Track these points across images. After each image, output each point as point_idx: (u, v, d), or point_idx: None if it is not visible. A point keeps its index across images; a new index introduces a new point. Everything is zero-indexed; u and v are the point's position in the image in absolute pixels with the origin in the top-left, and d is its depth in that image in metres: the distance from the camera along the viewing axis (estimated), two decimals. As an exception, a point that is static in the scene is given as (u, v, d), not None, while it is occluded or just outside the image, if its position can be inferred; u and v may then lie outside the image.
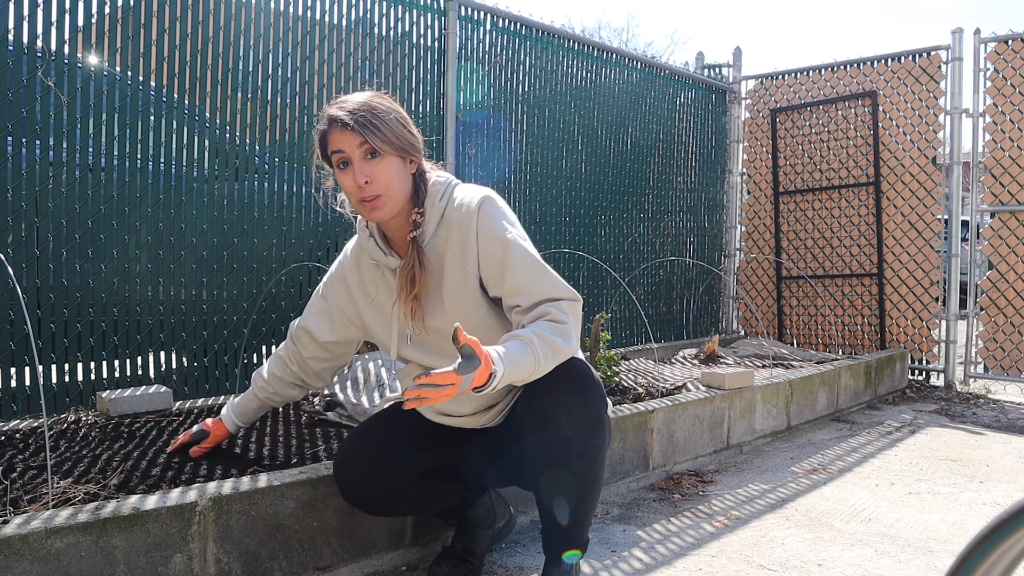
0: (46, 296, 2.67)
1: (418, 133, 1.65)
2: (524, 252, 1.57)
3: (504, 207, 1.65)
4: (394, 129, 1.57)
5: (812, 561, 2.00)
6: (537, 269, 1.57)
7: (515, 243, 1.57)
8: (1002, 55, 4.54)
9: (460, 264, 1.61)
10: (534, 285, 1.56)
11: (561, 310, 1.54)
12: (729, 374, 3.15)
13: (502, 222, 1.60)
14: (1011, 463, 3.03)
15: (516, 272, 1.56)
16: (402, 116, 1.61)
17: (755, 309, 5.61)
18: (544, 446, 1.55)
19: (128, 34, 2.85)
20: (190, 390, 3.06)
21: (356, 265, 1.77)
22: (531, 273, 1.56)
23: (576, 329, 1.56)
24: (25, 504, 1.62)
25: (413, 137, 1.62)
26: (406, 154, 1.60)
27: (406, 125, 1.61)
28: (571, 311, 1.56)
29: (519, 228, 1.64)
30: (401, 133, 1.58)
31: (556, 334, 1.50)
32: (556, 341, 1.50)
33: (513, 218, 1.65)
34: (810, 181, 5.32)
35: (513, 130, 4.17)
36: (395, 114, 1.60)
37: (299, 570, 1.72)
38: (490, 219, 1.59)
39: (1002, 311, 4.55)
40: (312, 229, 3.37)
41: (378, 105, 1.58)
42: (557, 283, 1.57)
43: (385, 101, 1.61)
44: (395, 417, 1.76)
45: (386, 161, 1.57)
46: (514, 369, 1.42)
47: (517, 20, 4.15)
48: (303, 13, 3.31)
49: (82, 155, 2.73)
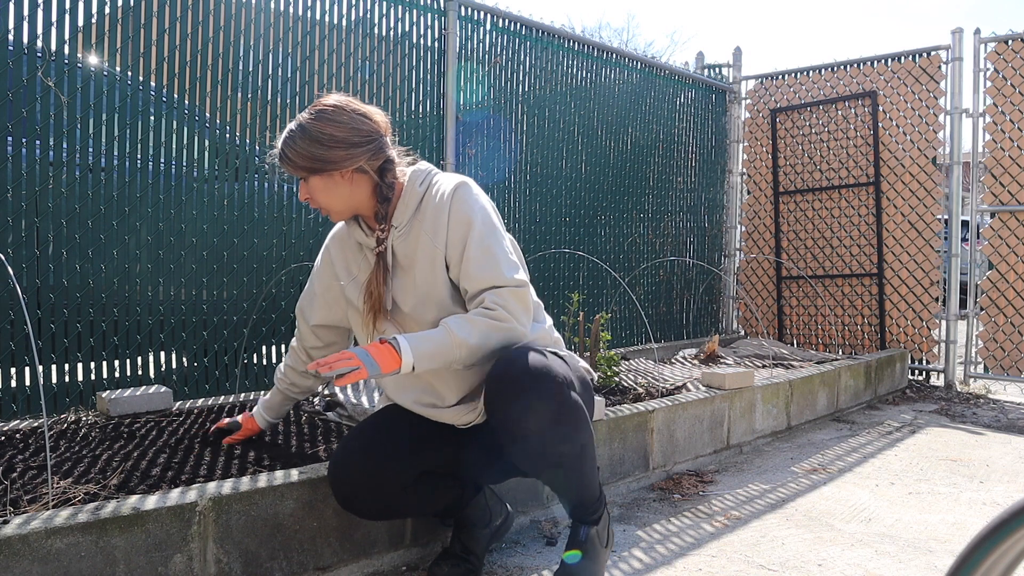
0: (46, 296, 2.67)
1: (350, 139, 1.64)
2: (483, 239, 1.63)
3: (479, 193, 1.70)
4: (301, 152, 1.64)
5: (812, 561, 2.00)
6: (489, 257, 1.62)
7: (478, 229, 1.63)
8: (1002, 55, 4.54)
9: (431, 246, 1.66)
10: (481, 272, 1.61)
11: (499, 297, 1.60)
12: (729, 374, 3.15)
13: (473, 207, 1.66)
14: (1011, 463, 3.03)
15: (469, 258, 1.62)
16: (315, 133, 1.63)
17: (755, 309, 5.61)
18: (522, 454, 1.60)
19: (128, 34, 2.85)
20: (190, 390, 3.06)
21: (342, 245, 1.85)
22: (482, 260, 1.61)
23: (516, 313, 1.61)
24: (25, 504, 1.62)
25: (327, 151, 1.62)
26: (321, 171, 1.65)
27: (319, 142, 1.62)
28: (511, 296, 1.61)
29: (490, 214, 1.68)
30: (312, 153, 1.63)
31: (484, 316, 1.58)
32: (482, 321, 1.58)
33: (486, 204, 1.70)
34: (810, 181, 5.32)
35: (513, 130, 4.17)
36: (309, 134, 1.63)
37: (299, 570, 1.72)
38: (462, 203, 1.66)
39: (1002, 311, 4.55)
40: (312, 229, 3.37)
41: (295, 131, 1.65)
42: (503, 270, 1.61)
43: (306, 120, 1.65)
44: (389, 421, 1.77)
45: (312, 182, 1.68)
46: (423, 343, 1.53)
47: (517, 20, 4.15)
48: (303, 13, 3.31)
49: (82, 155, 2.73)
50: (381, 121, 1.72)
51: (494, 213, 1.72)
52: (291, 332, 3.34)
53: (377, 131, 1.69)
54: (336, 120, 1.64)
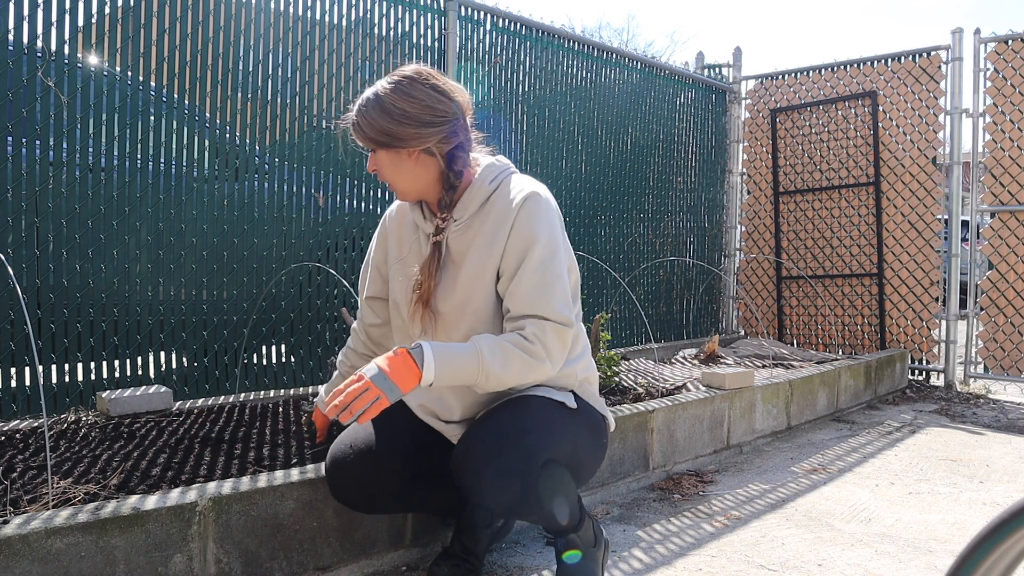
0: (46, 296, 2.67)
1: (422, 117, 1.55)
2: (543, 263, 1.53)
3: (550, 208, 1.59)
4: (372, 123, 1.55)
5: (812, 561, 2.00)
6: (544, 285, 1.52)
7: (540, 250, 1.53)
8: (1002, 55, 4.54)
9: (486, 251, 1.57)
10: (531, 296, 1.52)
11: (540, 330, 1.50)
12: (729, 374, 3.15)
13: (541, 224, 1.55)
14: (1011, 463, 3.03)
15: (523, 279, 1.53)
16: (388, 105, 1.54)
17: (755, 309, 5.61)
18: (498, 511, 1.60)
19: (128, 34, 2.85)
20: (190, 390, 3.06)
21: (400, 221, 1.78)
22: (536, 285, 1.52)
23: (552, 351, 1.52)
24: (25, 504, 1.62)
25: (397, 126, 1.53)
26: (389, 147, 1.56)
27: (389, 115, 1.54)
28: (553, 334, 1.51)
29: (557, 233, 1.58)
30: (381, 126, 1.54)
31: (518, 347, 1.50)
32: (515, 353, 1.49)
33: (556, 222, 1.59)
34: (810, 181, 5.32)
35: (513, 130, 4.17)
36: (382, 105, 1.55)
37: (299, 570, 1.72)
38: (531, 216, 1.55)
39: (1002, 311, 4.55)
40: (312, 229, 3.37)
41: (371, 99, 1.57)
42: (554, 303, 1.52)
43: (382, 89, 1.57)
44: (388, 418, 1.74)
45: (379, 155, 1.60)
46: (449, 361, 1.46)
47: (517, 20, 4.15)
48: (303, 13, 3.31)
49: (82, 155, 2.73)
50: (462, 101, 1.61)
51: (561, 232, 1.61)
52: (291, 332, 3.35)
53: (453, 113, 1.58)
54: (411, 94, 1.54)
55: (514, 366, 1.50)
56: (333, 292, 3.48)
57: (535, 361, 1.50)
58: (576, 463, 1.64)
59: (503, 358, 1.49)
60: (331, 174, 3.43)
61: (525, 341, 1.50)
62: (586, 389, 1.71)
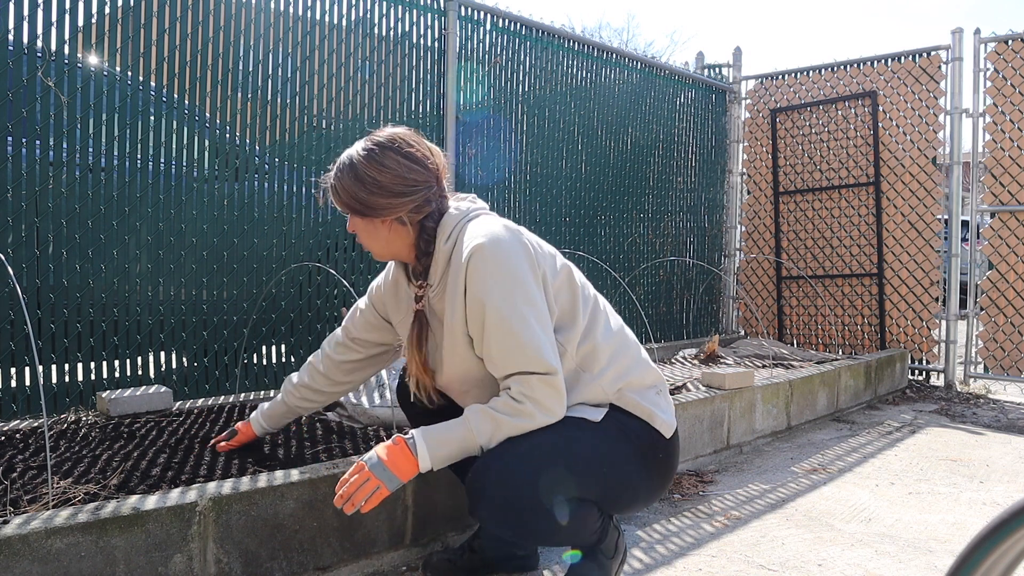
0: (46, 296, 2.67)
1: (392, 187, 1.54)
2: (501, 321, 1.47)
3: (497, 257, 1.49)
4: (346, 189, 1.55)
5: (812, 561, 2.00)
6: (510, 340, 1.46)
7: (494, 309, 1.47)
8: (1002, 55, 4.54)
9: (452, 319, 1.55)
10: (504, 357, 1.48)
11: (527, 387, 1.47)
12: (729, 374, 3.15)
13: (488, 281, 1.48)
14: (1011, 463, 3.03)
15: (490, 341, 1.49)
16: (361, 173, 1.53)
17: (755, 309, 5.61)
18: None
19: (128, 34, 2.85)
20: (190, 390, 3.06)
21: (394, 284, 1.77)
22: (504, 344, 1.47)
23: (545, 402, 1.47)
24: (25, 504, 1.62)
25: (369, 196, 1.53)
26: (362, 215, 1.56)
27: (362, 183, 1.53)
28: (539, 384, 1.46)
29: (508, 281, 1.48)
30: (354, 194, 1.54)
31: (505, 413, 1.47)
32: (501, 419, 1.47)
33: (505, 269, 1.49)
34: (810, 181, 5.32)
35: (513, 130, 4.17)
36: (355, 173, 1.54)
37: (299, 570, 1.72)
38: (476, 277, 1.49)
39: (1002, 311, 4.55)
40: (312, 229, 3.37)
41: (346, 164, 1.56)
42: (529, 354, 1.46)
43: (356, 156, 1.55)
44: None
45: (353, 220, 1.60)
46: (441, 446, 1.48)
47: (517, 20, 4.15)
48: (303, 13, 3.31)
49: (82, 155, 2.73)
50: (437, 165, 1.59)
51: (524, 267, 1.50)
52: (291, 332, 3.34)
53: (425, 180, 1.56)
54: (383, 164, 1.53)
55: (505, 431, 1.48)
56: (333, 292, 3.48)
57: (526, 420, 1.47)
58: (598, 478, 1.54)
59: (493, 428, 1.48)
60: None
61: (513, 403, 1.47)
62: (626, 398, 1.59)
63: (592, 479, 1.53)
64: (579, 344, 1.57)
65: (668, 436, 1.62)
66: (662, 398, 1.65)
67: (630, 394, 1.59)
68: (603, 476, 1.54)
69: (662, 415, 1.61)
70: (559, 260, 1.63)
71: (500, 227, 1.54)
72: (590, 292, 1.66)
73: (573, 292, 1.60)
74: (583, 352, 1.57)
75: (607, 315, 1.66)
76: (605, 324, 1.63)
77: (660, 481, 1.64)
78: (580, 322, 1.58)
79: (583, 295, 1.61)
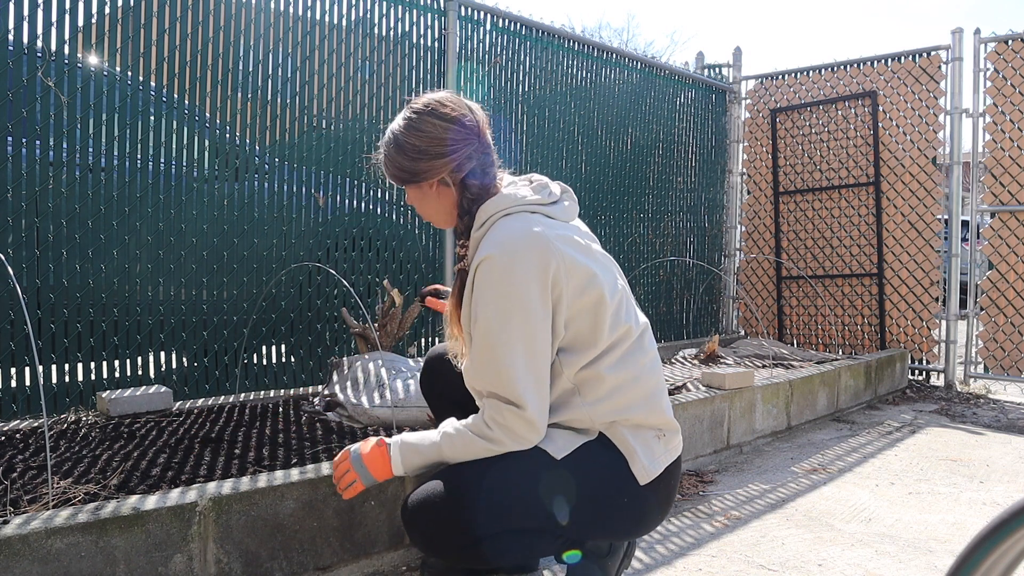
0: (46, 296, 2.67)
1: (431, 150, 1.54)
2: (487, 338, 1.45)
3: (504, 273, 1.44)
4: (391, 161, 1.59)
5: (812, 561, 2.00)
6: (491, 363, 1.45)
7: (484, 326, 1.45)
8: (1002, 55, 4.54)
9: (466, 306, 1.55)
10: (482, 376, 1.48)
11: (499, 413, 1.45)
12: (729, 374, 3.15)
13: (487, 294, 1.45)
14: (1011, 463, 3.03)
15: (474, 354, 1.49)
16: (402, 142, 1.56)
17: (755, 309, 5.61)
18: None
19: (128, 34, 2.85)
20: (190, 390, 3.06)
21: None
22: (483, 362, 1.47)
23: (516, 432, 1.44)
24: (25, 504, 1.62)
25: (412, 162, 1.55)
26: (409, 182, 1.58)
27: (404, 152, 1.55)
28: (509, 415, 1.44)
29: (506, 302, 1.43)
30: (399, 164, 1.57)
31: (478, 435, 1.47)
32: (472, 440, 1.48)
33: (509, 288, 1.43)
34: (810, 181, 5.32)
35: (513, 130, 4.17)
36: (397, 143, 1.57)
37: (299, 570, 1.72)
38: (479, 287, 1.47)
39: (1002, 311, 4.55)
40: (312, 229, 3.37)
41: (390, 137, 1.59)
42: (503, 383, 1.44)
43: (397, 126, 1.58)
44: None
45: (408, 190, 1.63)
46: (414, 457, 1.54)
47: (517, 20, 4.15)
48: (303, 13, 3.31)
49: (82, 155, 2.73)
50: (473, 123, 1.57)
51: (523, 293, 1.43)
52: (291, 332, 3.35)
53: (464, 138, 1.55)
54: (420, 129, 1.54)
55: (475, 455, 1.49)
56: (333, 292, 3.48)
57: (496, 445, 1.46)
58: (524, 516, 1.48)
59: (463, 448, 1.49)
60: (331, 174, 3.43)
61: (484, 427, 1.47)
62: (617, 432, 1.50)
63: (513, 517, 1.49)
64: (580, 369, 1.50)
65: (642, 483, 1.50)
66: (660, 443, 1.54)
67: (623, 429, 1.50)
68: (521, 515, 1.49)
69: (644, 459, 1.49)
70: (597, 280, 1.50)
71: (526, 234, 1.46)
72: (624, 319, 1.54)
73: (596, 317, 1.49)
74: (582, 377, 1.51)
75: (634, 347, 1.55)
76: (623, 356, 1.52)
77: (624, 524, 1.55)
78: (592, 351, 1.50)
79: (611, 323, 1.51)
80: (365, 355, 2.87)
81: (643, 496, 1.51)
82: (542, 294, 1.45)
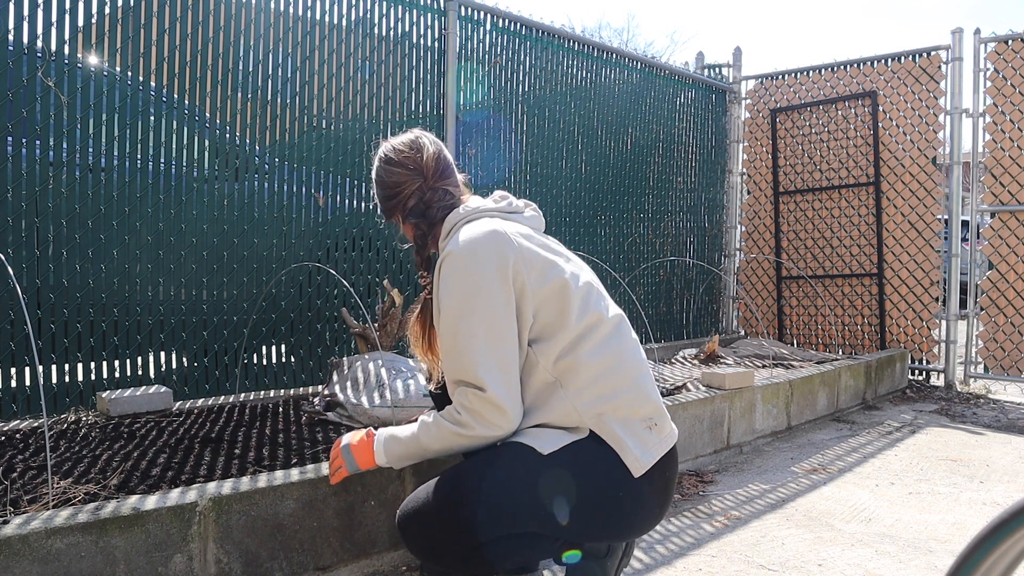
0: (46, 296, 2.67)
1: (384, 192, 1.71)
2: (450, 328, 1.50)
3: (465, 266, 1.49)
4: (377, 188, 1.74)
5: (812, 561, 2.00)
6: (454, 350, 1.49)
7: (447, 316, 1.51)
8: (1002, 55, 4.54)
9: (436, 316, 1.59)
10: (448, 365, 1.53)
11: (466, 398, 1.47)
12: (729, 374, 3.15)
13: (450, 287, 1.50)
14: (1011, 463, 3.03)
15: (442, 346, 1.55)
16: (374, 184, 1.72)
17: (755, 309, 5.61)
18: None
19: (128, 34, 2.85)
20: (190, 390, 3.06)
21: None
22: (448, 351, 1.52)
23: (485, 416, 1.45)
24: (25, 504, 1.62)
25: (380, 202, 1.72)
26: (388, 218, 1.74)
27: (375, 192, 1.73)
28: (475, 399, 1.45)
29: (468, 292, 1.48)
30: (379, 192, 1.72)
31: (450, 421, 1.50)
32: (446, 427, 1.51)
33: (470, 279, 1.48)
34: (810, 181, 5.32)
35: (513, 130, 4.17)
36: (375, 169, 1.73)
37: (299, 570, 1.72)
38: (442, 283, 1.53)
39: (1002, 311, 4.55)
40: (312, 229, 3.37)
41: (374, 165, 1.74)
42: (465, 367, 1.47)
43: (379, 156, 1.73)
44: None
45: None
46: (395, 447, 1.59)
47: (517, 20, 4.15)
48: (303, 13, 3.31)
49: (82, 155, 2.73)
50: (416, 165, 1.67)
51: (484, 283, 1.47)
52: (291, 332, 3.34)
53: (407, 181, 1.67)
54: (378, 175, 1.71)
55: (449, 441, 1.51)
56: (333, 292, 3.48)
57: (466, 431, 1.47)
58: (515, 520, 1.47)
59: (437, 433, 1.52)
60: (331, 174, 3.43)
61: (455, 413, 1.49)
62: (605, 425, 1.47)
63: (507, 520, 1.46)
64: (557, 358, 1.49)
65: (636, 475, 1.46)
66: (651, 434, 1.51)
67: (611, 422, 1.47)
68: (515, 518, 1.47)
69: (636, 450, 1.46)
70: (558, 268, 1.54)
71: (486, 232, 1.52)
72: (593, 306, 1.55)
73: (562, 303, 1.51)
74: (561, 368, 1.49)
75: (611, 334, 1.54)
76: (601, 342, 1.52)
77: (621, 521, 1.51)
78: (564, 336, 1.50)
79: (579, 308, 1.52)
80: (365, 355, 2.87)
81: (638, 489, 1.47)
82: (503, 283, 1.48)
